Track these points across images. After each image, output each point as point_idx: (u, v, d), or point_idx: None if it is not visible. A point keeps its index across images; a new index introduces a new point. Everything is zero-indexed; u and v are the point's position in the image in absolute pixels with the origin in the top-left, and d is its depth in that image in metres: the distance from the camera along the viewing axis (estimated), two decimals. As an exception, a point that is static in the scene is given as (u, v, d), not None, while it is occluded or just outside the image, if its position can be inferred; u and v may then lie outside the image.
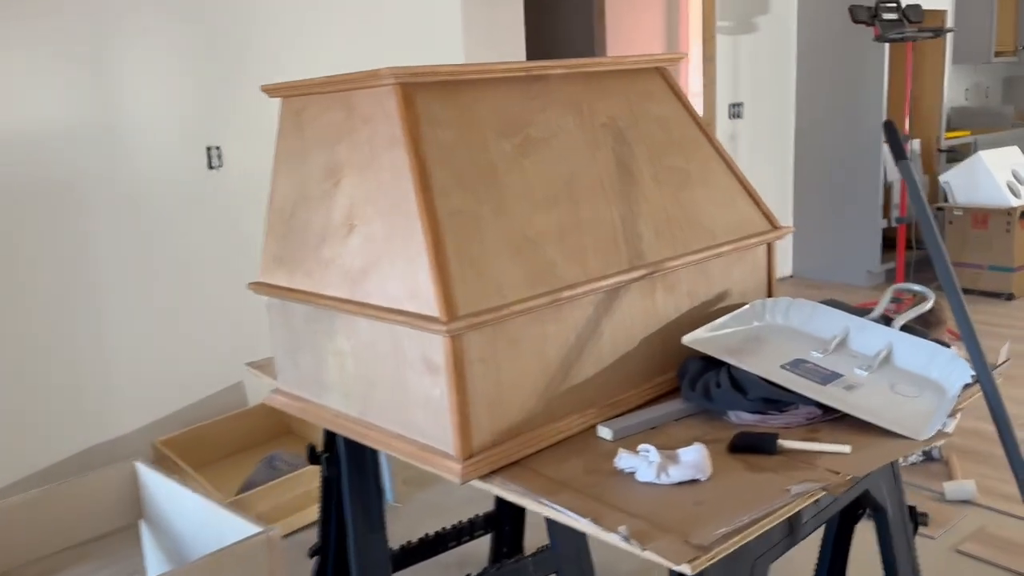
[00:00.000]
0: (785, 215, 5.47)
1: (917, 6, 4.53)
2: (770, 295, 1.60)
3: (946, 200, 4.95)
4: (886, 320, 1.44)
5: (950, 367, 1.31)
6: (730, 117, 5.02)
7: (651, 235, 1.38)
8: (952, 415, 1.23)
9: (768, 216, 1.58)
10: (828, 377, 1.29)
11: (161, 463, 2.93)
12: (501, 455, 1.18)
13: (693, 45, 4.65)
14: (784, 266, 5.54)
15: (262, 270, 1.47)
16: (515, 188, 1.26)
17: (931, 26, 4.81)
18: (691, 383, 1.30)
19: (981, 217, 4.77)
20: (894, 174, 5.00)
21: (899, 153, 1.34)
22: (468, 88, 1.27)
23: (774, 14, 5.14)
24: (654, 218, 1.40)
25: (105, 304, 2.95)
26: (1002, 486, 2.67)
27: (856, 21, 4.39)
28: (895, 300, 1.51)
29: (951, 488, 2.62)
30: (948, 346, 1.36)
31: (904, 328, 1.40)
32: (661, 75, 1.56)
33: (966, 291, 4.80)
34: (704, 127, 1.58)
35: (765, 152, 5.26)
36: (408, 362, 1.19)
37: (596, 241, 1.31)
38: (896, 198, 4.94)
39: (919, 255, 5.18)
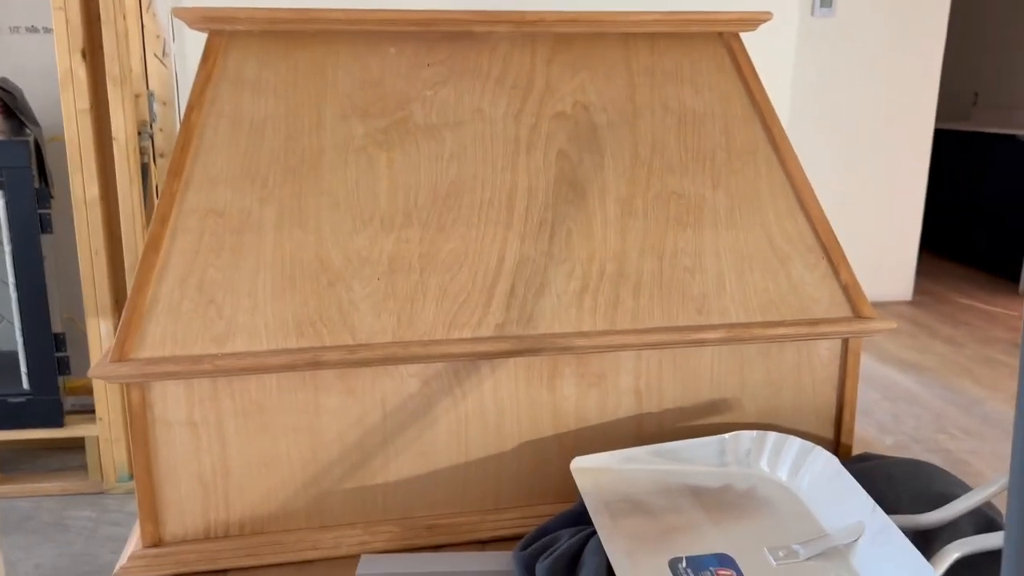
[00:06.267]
0: None
1: None
2: (839, 430, 0.97)
3: None
4: (989, 523, 0.77)
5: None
6: None
7: (570, 293, 0.89)
8: None
9: (848, 292, 0.95)
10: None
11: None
12: (209, 555, 0.85)
13: None
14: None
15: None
16: (341, 191, 0.88)
17: None
18: (530, 541, 0.82)
19: None
20: None
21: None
22: (318, 42, 0.91)
23: None
24: (595, 267, 0.90)
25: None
26: None
27: None
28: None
29: None
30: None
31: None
32: (724, 44, 1.00)
33: None
34: (776, 132, 0.98)
35: None
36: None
37: (455, 287, 0.87)
38: None
39: None
